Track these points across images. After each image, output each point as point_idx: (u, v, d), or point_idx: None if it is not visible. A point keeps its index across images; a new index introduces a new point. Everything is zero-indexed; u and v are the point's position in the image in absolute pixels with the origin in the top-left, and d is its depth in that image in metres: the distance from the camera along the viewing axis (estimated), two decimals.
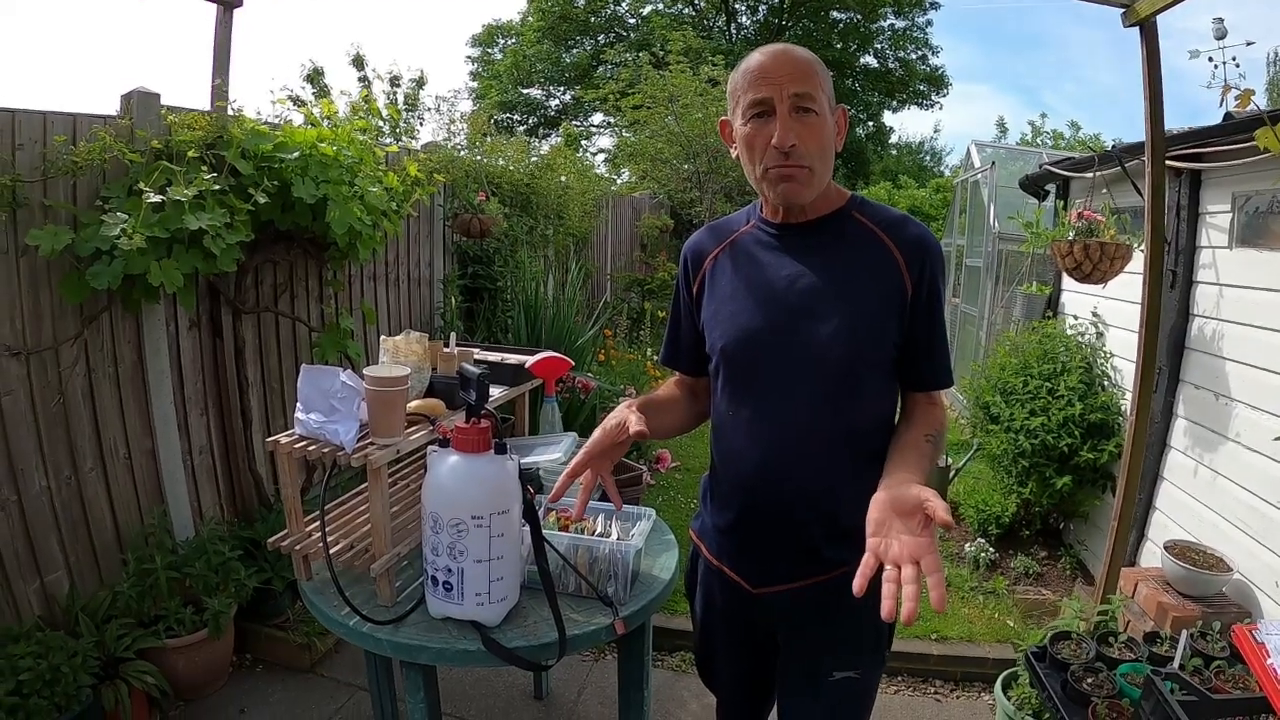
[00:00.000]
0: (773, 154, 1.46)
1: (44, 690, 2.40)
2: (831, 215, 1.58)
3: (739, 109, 1.50)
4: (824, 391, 1.50)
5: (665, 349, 1.87)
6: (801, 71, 1.45)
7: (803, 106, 1.44)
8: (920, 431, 1.52)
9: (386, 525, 1.91)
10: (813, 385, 1.51)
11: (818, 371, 1.50)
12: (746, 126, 1.49)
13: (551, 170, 6.60)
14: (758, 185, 1.55)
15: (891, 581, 1.13)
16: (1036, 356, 4.49)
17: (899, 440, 1.52)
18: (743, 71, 1.49)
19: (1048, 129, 21.41)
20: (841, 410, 1.51)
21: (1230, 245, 3.32)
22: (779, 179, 1.48)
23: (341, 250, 3.56)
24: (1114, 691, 2.33)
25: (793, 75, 1.44)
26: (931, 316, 1.54)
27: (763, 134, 1.46)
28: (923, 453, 1.47)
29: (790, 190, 1.49)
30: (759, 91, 1.45)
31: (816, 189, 1.52)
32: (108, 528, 2.97)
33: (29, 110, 2.58)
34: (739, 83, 1.50)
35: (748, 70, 1.48)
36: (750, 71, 1.47)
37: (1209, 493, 3.32)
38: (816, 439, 1.52)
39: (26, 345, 2.62)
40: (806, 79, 1.45)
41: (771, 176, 1.49)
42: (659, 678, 3.27)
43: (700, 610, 1.85)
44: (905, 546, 1.17)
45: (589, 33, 24.34)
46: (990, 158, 7.42)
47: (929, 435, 1.52)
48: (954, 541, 4.70)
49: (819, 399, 1.50)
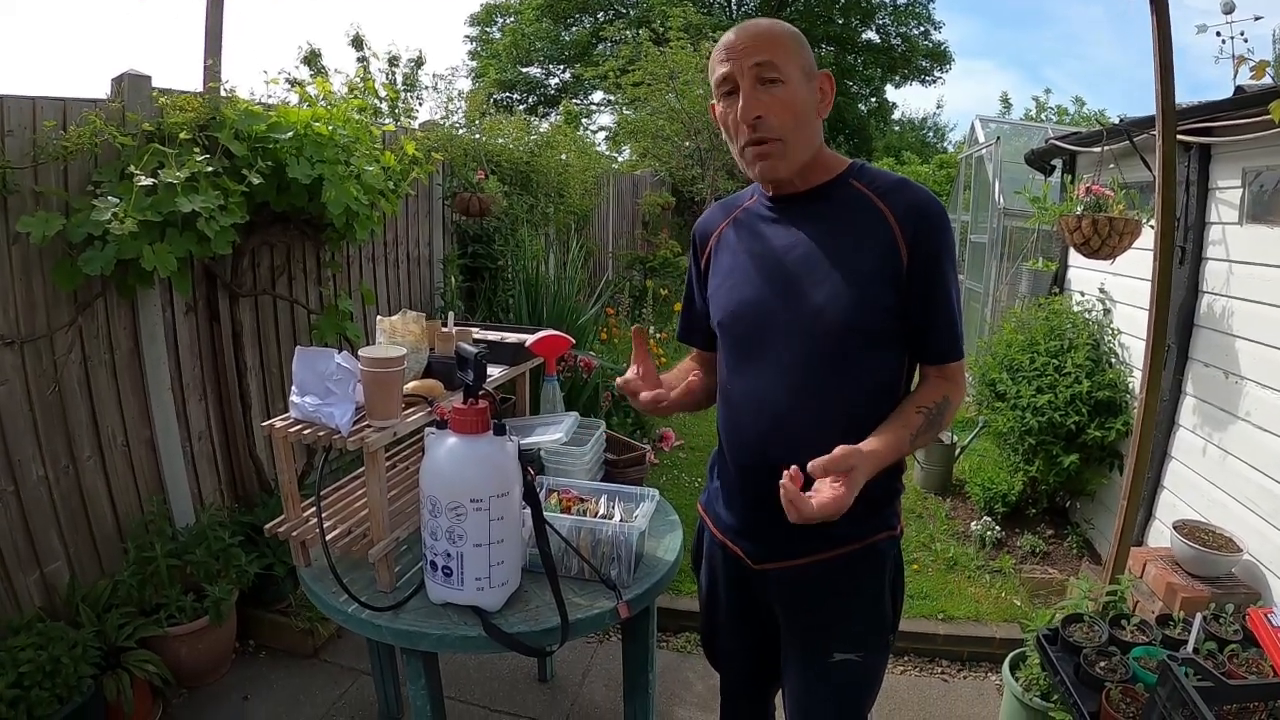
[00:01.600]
0: (743, 131, 1.47)
1: (45, 682, 2.39)
2: (828, 184, 1.56)
3: (714, 91, 1.53)
4: (817, 361, 1.49)
5: (681, 326, 1.91)
6: (764, 42, 1.45)
7: (766, 78, 1.44)
8: (915, 404, 1.50)
9: (384, 510, 1.88)
10: (805, 355, 1.49)
11: (810, 340, 1.49)
12: (719, 108, 1.53)
13: (552, 148, 6.54)
14: (743, 167, 1.55)
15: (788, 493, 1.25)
16: (1043, 333, 4.44)
17: (894, 410, 1.50)
18: (714, 53, 1.52)
19: (1051, 105, 21.30)
20: (835, 380, 1.48)
21: (1240, 221, 3.27)
22: (755, 157, 1.49)
23: (339, 231, 3.52)
24: (1128, 676, 2.30)
25: (754, 46, 1.44)
26: (930, 284, 1.48)
27: (732, 111, 1.48)
28: (907, 424, 1.46)
29: (766, 168, 1.50)
30: (723, 68, 1.47)
31: (795, 160, 1.50)
32: (107, 517, 2.95)
33: (17, 96, 2.54)
34: (711, 65, 1.53)
35: (716, 50, 1.50)
36: (718, 51, 1.49)
37: (1218, 472, 3.28)
38: (810, 408, 1.51)
39: (20, 334, 2.58)
40: (769, 49, 1.44)
41: (748, 155, 1.50)
42: (664, 659, 3.26)
43: (705, 584, 1.86)
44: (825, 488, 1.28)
45: (588, 10, 24.17)
46: (995, 133, 7.34)
47: (922, 408, 1.49)
48: (960, 520, 4.68)
49: (812, 369, 1.49)
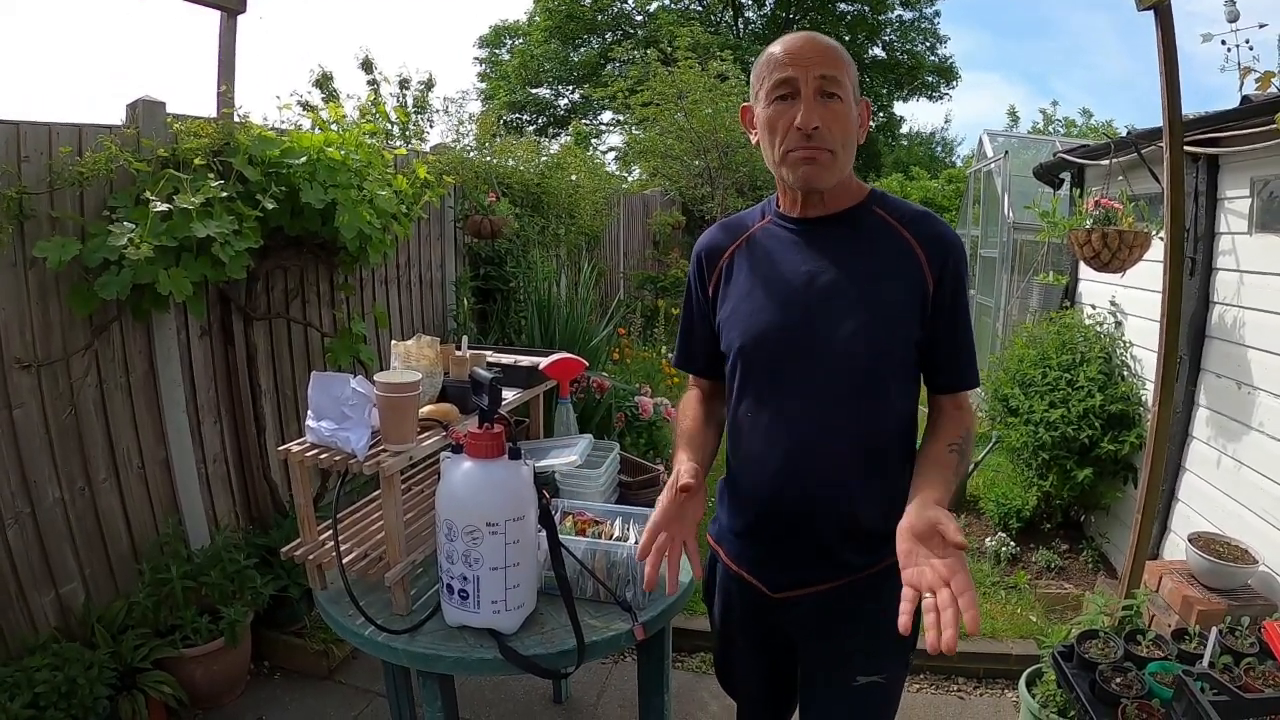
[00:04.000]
0: (794, 135, 1.42)
1: (61, 702, 2.40)
2: (851, 210, 1.54)
3: (762, 91, 1.47)
4: (846, 392, 1.47)
5: (679, 351, 1.83)
6: (829, 56, 1.42)
7: (829, 91, 1.41)
8: (944, 442, 1.49)
9: (400, 533, 1.89)
10: (834, 385, 1.47)
11: (839, 371, 1.47)
12: (769, 108, 1.46)
13: (562, 169, 6.57)
14: (776, 169, 1.50)
15: (930, 611, 1.15)
16: (1055, 347, 4.43)
17: (923, 455, 1.49)
18: (769, 55, 1.47)
19: (1059, 117, 21.28)
20: (864, 410, 1.47)
21: (1250, 231, 3.26)
22: (800, 160, 1.44)
23: (352, 254, 3.54)
24: (1143, 692, 2.29)
25: (821, 58, 1.41)
26: (955, 315, 1.50)
27: (786, 115, 1.43)
28: (945, 465, 1.44)
29: (811, 173, 1.45)
30: (784, 71, 1.42)
31: (837, 175, 1.48)
32: (122, 538, 2.96)
33: (34, 122, 2.57)
34: (764, 66, 1.47)
35: (774, 53, 1.45)
36: (777, 54, 1.44)
37: (1232, 483, 3.26)
38: (838, 440, 1.49)
39: (37, 357, 2.61)
40: (834, 63, 1.42)
41: (792, 159, 1.45)
42: (679, 679, 3.25)
43: (719, 616, 1.82)
44: (936, 570, 1.19)
45: (596, 31, 24.31)
46: (1003, 147, 7.34)
47: (953, 444, 1.49)
48: (974, 536, 4.65)
49: (841, 399, 1.47)
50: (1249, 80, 2.62)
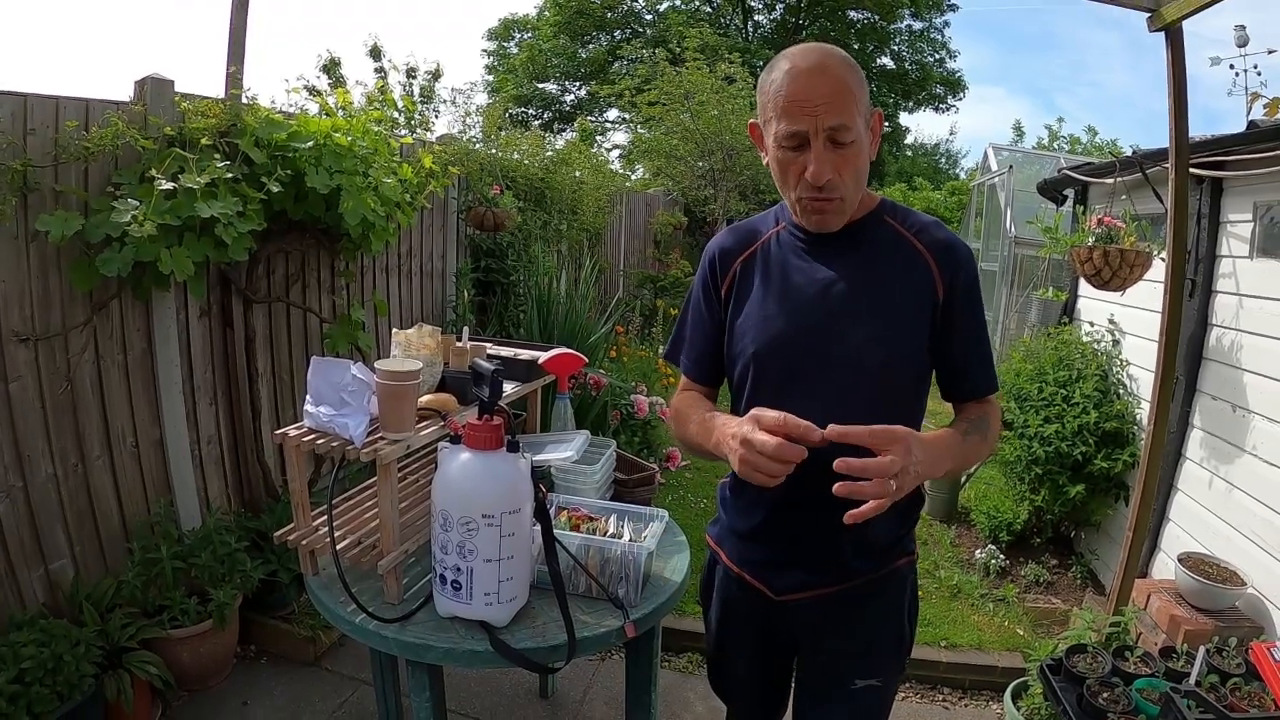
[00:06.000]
0: (805, 185, 1.42)
1: (46, 679, 2.38)
2: (862, 220, 1.54)
3: (771, 130, 1.43)
4: (860, 399, 1.46)
5: (673, 345, 1.80)
6: (839, 97, 1.37)
7: (840, 140, 1.38)
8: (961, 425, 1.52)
9: (395, 522, 1.89)
10: (847, 393, 1.47)
11: (853, 379, 1.47)
12: (780, 152, 1.43)
13: (566, 165, 6.57)
14: (793, 210, 1.52)
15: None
16: (1052, 363, 4.45)
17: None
18: (775, 88, 1.40)
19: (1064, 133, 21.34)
20: (876, 418, 1.46)
21: (1251, 255, 3.27)
22: (813, 211, 1.46)
23: (354, 241, 3.54)
24: (1130, 707, 2.30)
25: (829, 104, 1.36)
26: (970, 322, 1.51)
27: (796, 164, 1.42)
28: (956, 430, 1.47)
29: (821, 222, 1.48)
30: (794, 123, 1.37)
31: (847, 214, 1.49)
32: (114, 516, 2.96)
33: (41, 95, 2.56)
34: (771, 102, 1.41)
35: (781, 89, 1.39)
36: (784, 95, 1.38)
37: (1224, 505, 3.27)
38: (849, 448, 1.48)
39: (35, 331, 2.60)
40: (844, 106, 1.37)
41: (805, 206, 1.46)
42: (665, 679, 3.24)
43: (716, 618, 1.82)
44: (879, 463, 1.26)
45: (605, 28, 24.30)
46: (1007, 161, 7.37)
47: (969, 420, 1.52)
48: (964, 547, 4.67)
49: (853, 407, 1.44)
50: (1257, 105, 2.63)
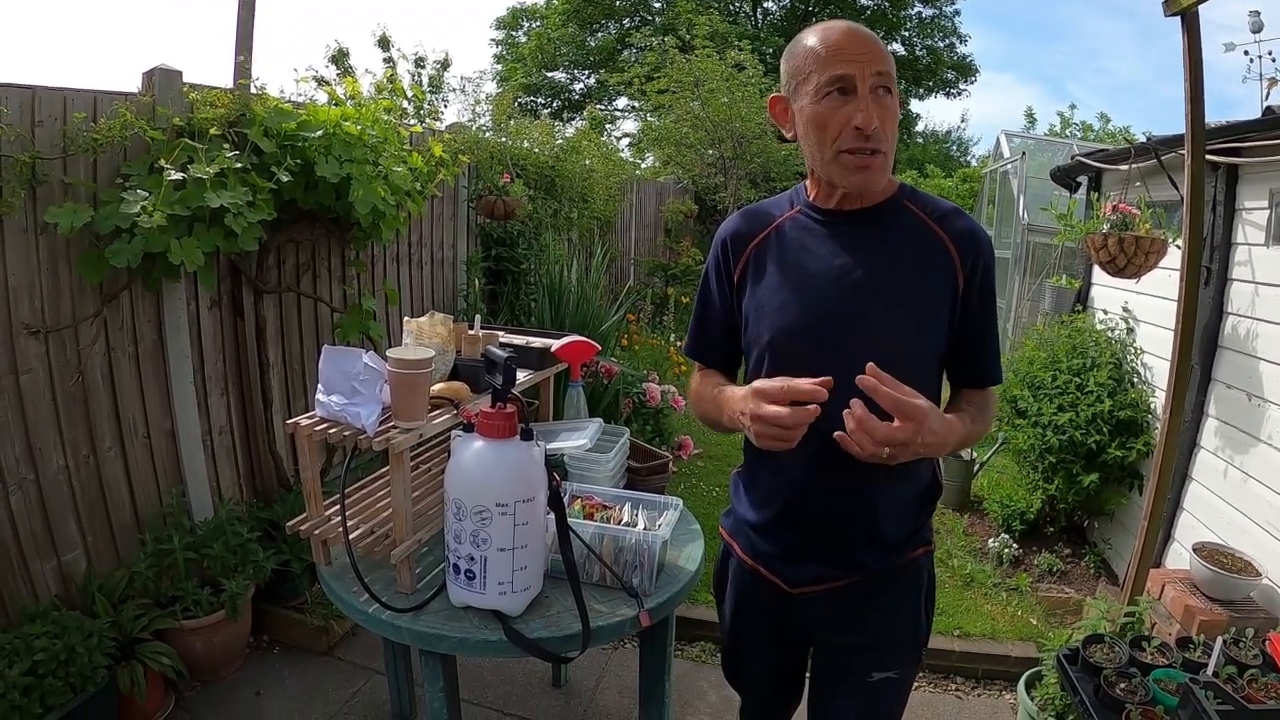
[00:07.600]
0: (850, 135, 1.38)
1: (59, 670, 2.39)
2: (882, 204, 1.51)
3: (808, 86, 1.40)
4: None
5: (691, 340, 1.77)
6: (880, 51, 1.38)
7: (884, 86, 1.38)
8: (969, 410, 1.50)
9: (408, 511, 1.88)
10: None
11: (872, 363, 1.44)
12: (820, 104, 1.39)
13: (576, 153, 6.56)
14: (824, 168, 1.45)
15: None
16: (1065, 351, 4.41)
17: None
18: (811, 47, 1.40)
19: (1076, 120, 21.19)
20: None
21: (1267, 243, 3.24)
22: (856, 167, 1.40)
23: (364, 230, 3.52)
24: (1148, 698, 2.28)
25: (873, 54, 1.37)
26: (984, 311, 1.49)
27: (840, 113, 1.38)
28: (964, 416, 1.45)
29: (865, 180, 1.42)
30: (840, 67, 1.36)
31: (887, 175, 1.46)
32: (126, 507, 2.96)
33: (49, 87, 2.55)
34: (808, 57, 1.40)
35: (821, 45, 1.39)
36: (826, 45, 1.38)
37: (1239, 495, 3.24)
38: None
39: (45, 324, 2.59)
40: (886, 59, 1.38)
41: (847, 163, 1.40)
42: (678, 668, 3.24)
43: (730, 610, 1.80)
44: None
45: (614, 16, 24.20)
46: (1020, 148, 7.32)
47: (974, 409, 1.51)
48: (977, 536, 4.65)
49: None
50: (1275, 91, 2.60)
